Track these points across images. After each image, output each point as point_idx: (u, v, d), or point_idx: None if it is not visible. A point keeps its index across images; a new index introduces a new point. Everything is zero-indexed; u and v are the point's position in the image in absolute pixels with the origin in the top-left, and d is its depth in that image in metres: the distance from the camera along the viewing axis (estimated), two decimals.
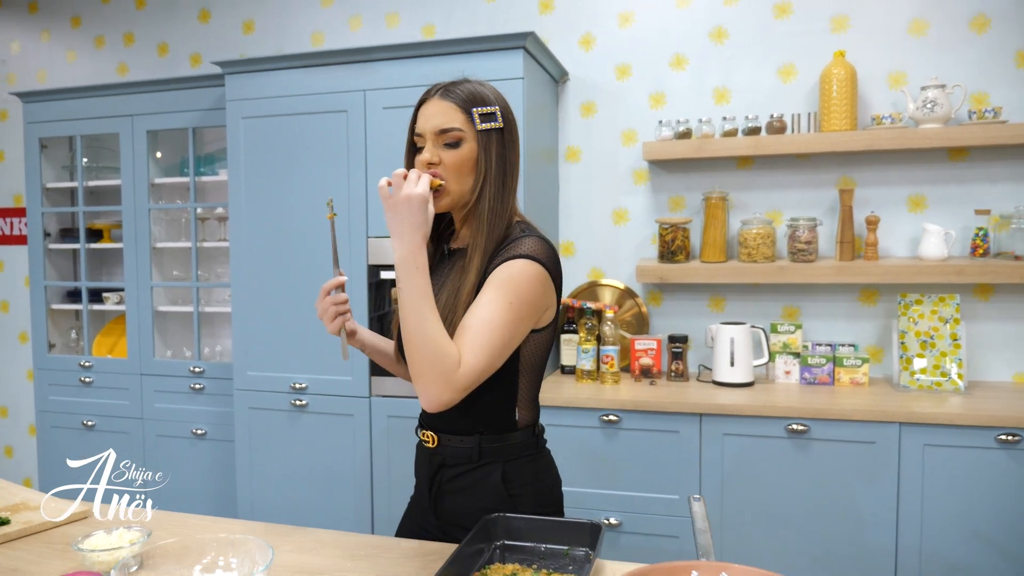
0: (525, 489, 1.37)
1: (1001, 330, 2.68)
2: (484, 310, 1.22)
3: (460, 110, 1.30)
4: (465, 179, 1.31)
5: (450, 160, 1.29)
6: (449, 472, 1.37)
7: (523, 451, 1.39)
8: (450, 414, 1.31)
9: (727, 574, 1.03)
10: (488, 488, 1.35)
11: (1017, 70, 2.63)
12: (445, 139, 1.29)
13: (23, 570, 1.18)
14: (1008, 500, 2.19)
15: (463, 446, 1.35)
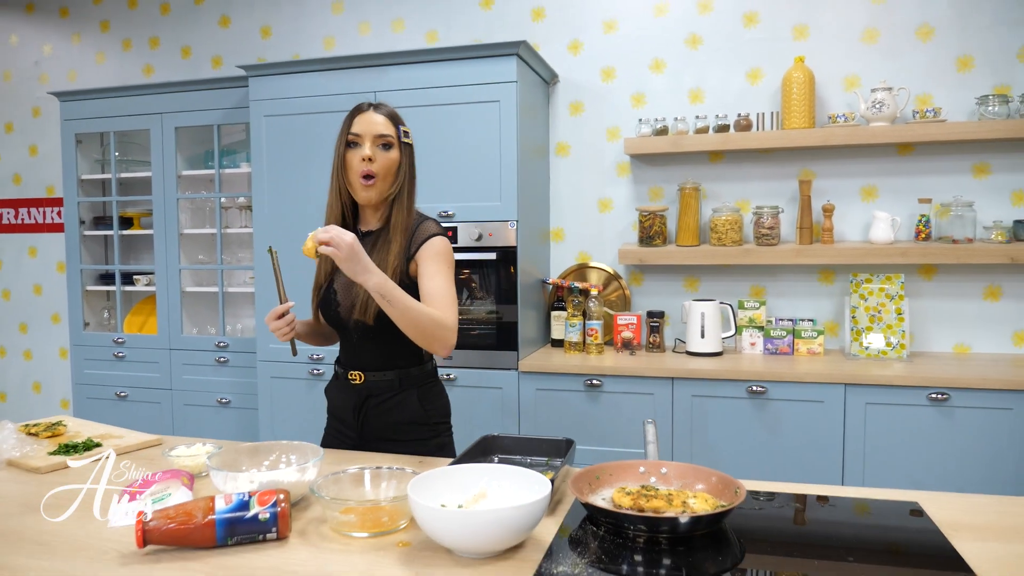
0: (433, 405, 1.79)
1: (943, 306, 3.02)
2: (438, 280, 1.64)
3: (392, 124, 1.71)
4: (390, 176, 1.71)
5: (383, 159, 1.69)
6: (375, 400, 1.74)
7: (428, 378, 1.80)
8: (373, 357, 1.73)
9: (666, 469, 1.36)
10: (409, 407, 1.74)
11: (957, 74, 2.96)
12: (381, 142, 1.69)
13: (123, 475, 1.50)
14: (937, 448, 2.53)
15: (386, 379, 1.73)
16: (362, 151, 1.68)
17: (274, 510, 1.13)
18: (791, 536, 1.27)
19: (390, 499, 1.19)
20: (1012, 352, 2.96)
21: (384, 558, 1.10)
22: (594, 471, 1.32)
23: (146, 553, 1.11)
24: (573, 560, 1.10)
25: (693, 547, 1.14)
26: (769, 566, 1.12)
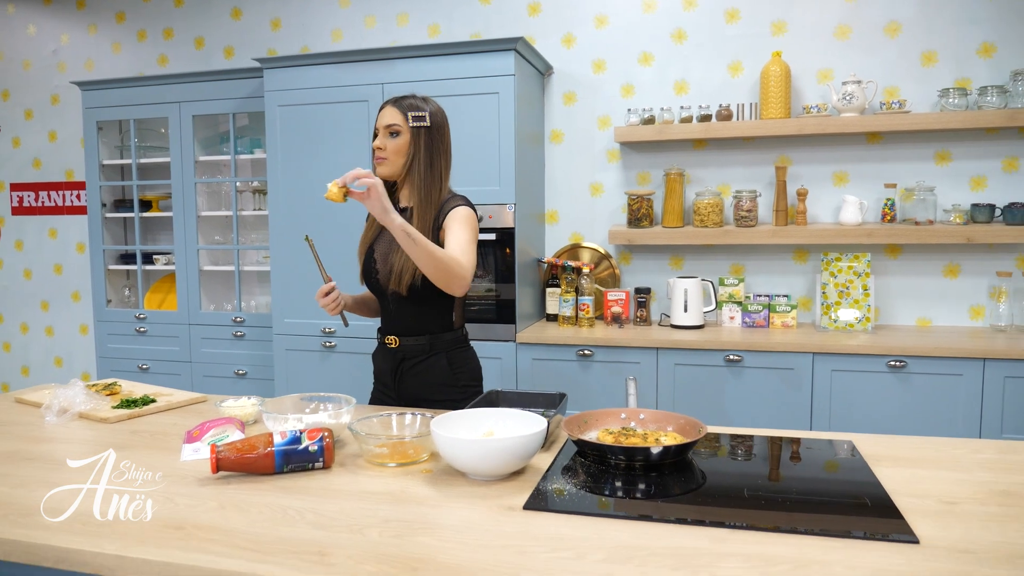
0: (462, 368, 1.99)
1: (906, 282, 3.28)
2: (458, 235, 1.82)
3: (400, 114, 1.91)
4: (399, 158, 1.91)
5: (391, 145, 1.91)
6: (408, 363, 1.95)
7: (458, 343, 2.00)
8: (407, 323, 1.93)
9: (644, 415, 1.62)
10: (439, 370, 1.94)
11: (922, 68, 3.20)
12: (389, 131, 1.91)
13: (181, 423, 1.75)
14: (894, 410, 2.80)
15: (418, 343, 1.94)
16: (376, 141, 1.93)
17: (320, 444, 1.38)
18: (745, 466, 1.53)
19: (415, 435, 1.45)
20: (969, 325, 3.23)
21: (412, 481, 1.35)
22: (583, 416, 1.58)
23: (218, 478, 1.36)
24: (565, 481, 1.35)
25: (663, 474, 1.40)
26: (724, 487, 1.38)
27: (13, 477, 1.40)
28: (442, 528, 1.14)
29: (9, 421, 1.79)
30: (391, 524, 1.15)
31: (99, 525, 1.17)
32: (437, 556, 1.04)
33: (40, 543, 1.11)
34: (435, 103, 1.99)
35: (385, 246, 1.87)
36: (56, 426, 1.74)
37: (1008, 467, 1.41)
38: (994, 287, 3.16)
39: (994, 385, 2.72)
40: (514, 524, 1.15)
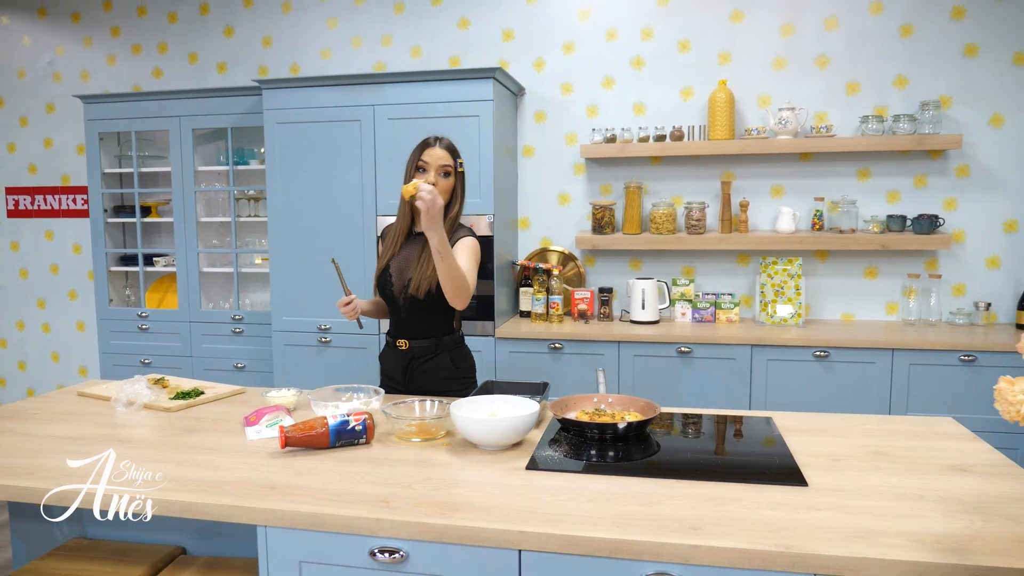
0: (462, 364, 2.38)
1: (832, 283, 3.78)
2: (465, 261, 2.17)
3: (451, 157, 2.27)
4: (446, 196, 2.25)
5: (442, 184, 2.24)
6: (418, 361, 2.32)
7: (458, 344, 2.40)
8: (415, 328, 2.29)
9: (612, 399, 2.04)
10: (443, 366, 2.32)
11: (846, 97, 3.68)
12: (442, 171, 2.25)
13: (232, 411, 2.12)
14: (818, 393, 3.28)
15: (425, 345, 2.31)
16: (428, 176, 2.23)
17: (364, 424, 1.78)
18: (689, 437, 1.96)
19: (435, 417, 1.85)
20: (885, 319, 3.74)
21: (436, 451, 1.76)
22: (564, 400, 2.00)
23: (286, 452, 1.74)
24: (553, 450, 1.77)
25: (628, 444, 1.83)
26: (672, 452, 1.81)
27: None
28: (468, 483, 1.55)
29: (85, 412, 2.13)
30: (430, 481, 1.56)
31: (211, 487, 1.54)
32: (468, 501, 1.45)
33: (190, 501, 1.49)
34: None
35: (401, 262, 2.26)
36: (128, 415, 2.09)
37: (885, 435, 1.87)
38: (906, 287, 3.67)
39: (901, 371, 3.23)
40: (520, 480, 1.57)
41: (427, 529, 1.36)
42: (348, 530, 1.39)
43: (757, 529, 1.31)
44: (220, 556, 1.80)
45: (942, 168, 3.63)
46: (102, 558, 1.76)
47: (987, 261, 3.63)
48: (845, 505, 1.41)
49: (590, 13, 3.89)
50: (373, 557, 1.39)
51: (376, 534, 1.38)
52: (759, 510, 1.40)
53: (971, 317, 3.55)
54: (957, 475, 1.57)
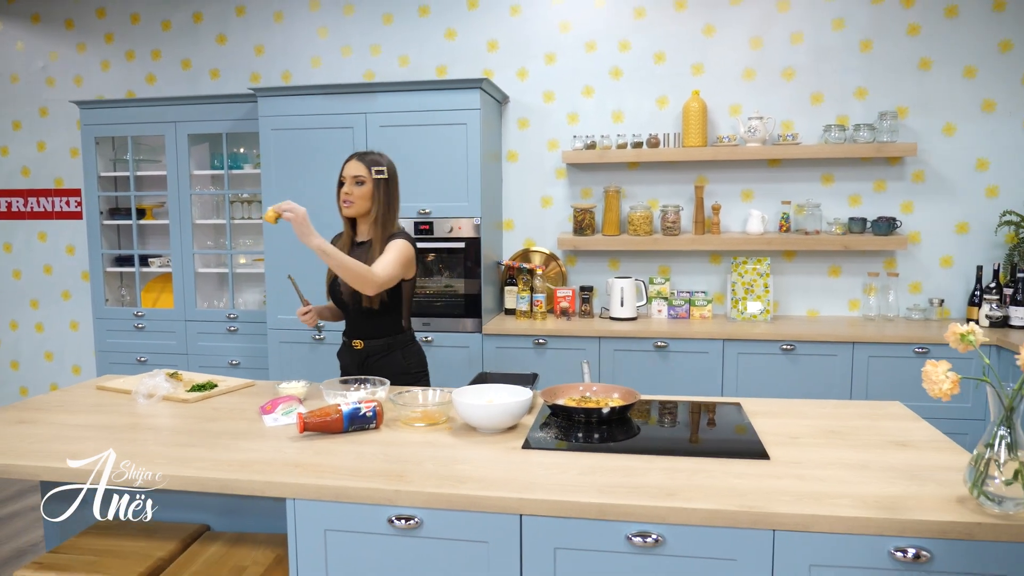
0: (412, 360, 2.58)
1: (798, 281, 4.03)
2: (385, 257, 2.36)
3: (365, 167, 2.47)
4: (364, 201, 2.46)
5: (357, 192, 2.46)
6: (372, 359, 2.53)
7: (408, 342, 2.60)
8: (368, 329, 2.50)
9: (596, 388, 2.25)
10: (395, 363, 2.52)
11: (811, 106, 3.93)
12: (356, 180, 2.47)
13: (247, 401, 2.29)
14: (785, 384, 3.52)
15: (378, 344, 2.53)
16: (345, 188, 2.49)
17: (374, 410, 1.96)
18: (665, 422, 2.18)
19: (437, 404, 2.04)
20: (847, 315, 4.00)
21: (440, 433, 1.95)
22: (553, 388, 2.20)
23: (304, 436, 1.92)
24: (545, 432, 1.97)
25: (611, 427, 2.03)
26: (651, 433, 2.02)
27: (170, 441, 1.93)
28: (471, 460, 1.75)
29: (109, 403, 2.29)
30: (438, 459, 1.75)
31: (242, 467, 1.72)
32: (473, 475, 1.65)
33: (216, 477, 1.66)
34: (388, 158, 2.57)
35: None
36: (149, 406, 2.25)
37: (839, 417, 2.10)
38: (866, 284, 3.93)
39: (861, 363, 3.48)
40: (518, 457, 1.77)
41: (439, 498, 1.55)
42: (369, 500, 1.58)
43: (725, 494, 1.52)
44: (243, 532, 1.97)
45: (899, 174, 3.89)
46: (133, 535, 1.92)
47: (941, 260, 3.90)
48: (802, 474, 1.63)
49: (571, 25, 4.10)
50: (391, 524, 1.58)
51: (394, 503, 1.57)
52: (726, 479, 1.61)
53: (926, 312, 3.82)
54: (899, 449, 1.80)
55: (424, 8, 4.21)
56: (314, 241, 2.20)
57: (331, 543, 1.62)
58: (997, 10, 3.71)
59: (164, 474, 1.66)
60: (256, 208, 4.29)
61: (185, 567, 1.77)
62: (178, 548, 1.88)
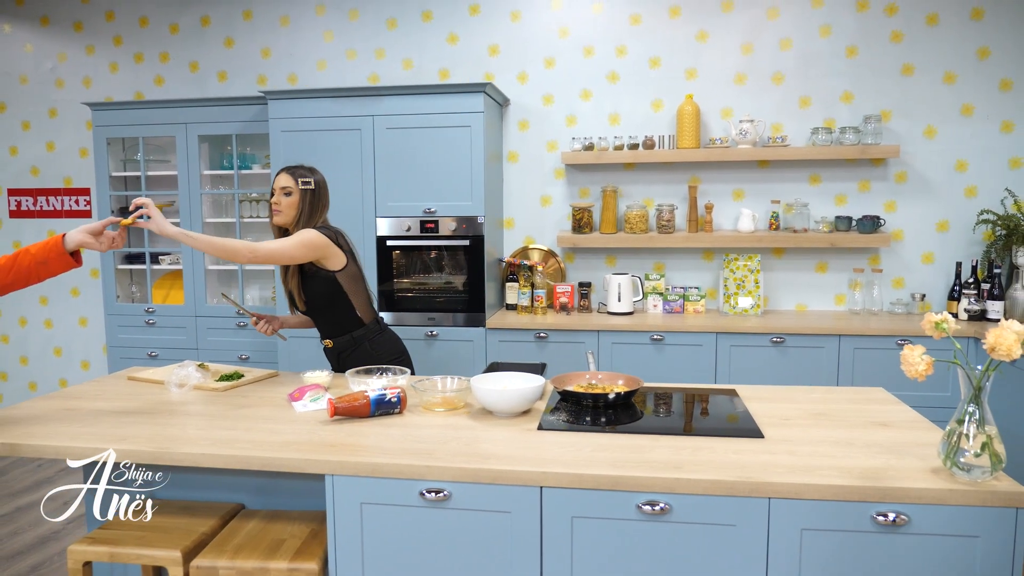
0: (383, 350, 2.71)
1: (788, 277, 4.21)
2: (284, 239, 2.49)
3: (292, 179, 2.63)
4: (291, 211, 2.61)
5: (284, 201, 2.63)
6: (345, 354, 2.70)
7: (374, 333, 2.73)
8: (332, 329, 2.68)
9: (601, 376, 2.41)
10: (366, 355, 2.66)
11: (800, 110, 4.11)
12: (284, 191, 2.63)
13: (274, 390, 2.44)
14: (775, 374, 3.70)
15: (344, 341, 2.69)
16: (274, 198, 2.65)
17: (399, 396, 2.12)
18: (666, 405, 2.34)
19: (456, 390, 2.20)
20: (834, 309, 4.18)
21: (460, 419, 2.10)
22: (561, 376, 2.36)
23: (334, 420, 2.07)
24: (557, 416, 2.13)
25: (616, 410, 2.19)
26: (653, 417, 2.19)
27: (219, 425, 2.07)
28: (492, 440, 1.90)
29: (143, 393, 2.43)
30: (461, 439, 1.91)
31: (282, 447, 1.87)
32: (495, 452, 1.81)
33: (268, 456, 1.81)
34: (320, 174, 2.74)
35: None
36: (182, 394, 2.39)
37: (827, 401, 2.27)
38: (852, 280, 4.11)
39: (847, 355, 3.66)
40: (534, 437, 1.93)
41: (466, 472, 1.71)
42: (401, 475, 1.73)
43: (725, 467, 1.69)
44: (277, 510, 2.12)
45: (883, 174, 4.07)
46: (174, 514, 2.06)
47: (922, 257, 4.09)
48: (794, 451, 1.80)
49: (569, 31, 4.26)
50: (422, 496, 1.73)
51: (425, 478, 1.72)
52: (726, 455, 1.77)
53: (908, 307, 4.01)
54: (881, 429, 1.98)
55: (427, 13, 4.36)
56: (170, 230, 2.25)
57: (367, 515, 1.77)
58: (975, 19, 3.90)
59: (209, 454, 1.81)
60: (264, 207, 4.42)
61: (228, 540, 1.91)
62: (218, 524, 2.03)
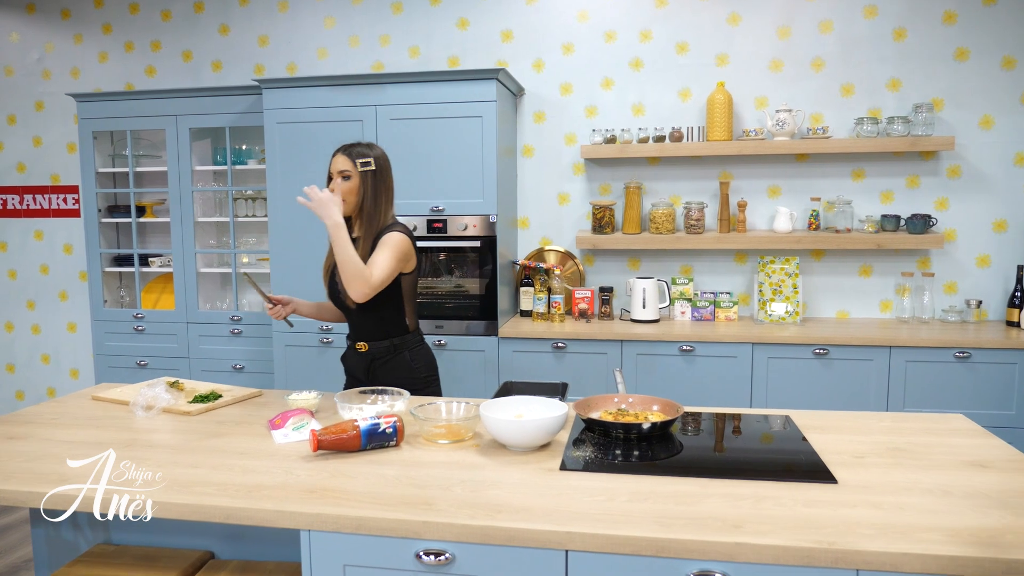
0: (420, 363, 2.43)
1: (828, 281, 3.85)
2: (379, 255, 2.22)
3: (350, 161, 2.32)
4: (352, 197, 2.32)
5: (344, 187, 2.32)
6: (379, 362, 2.39)
7: (415, 343, 2.44)
8: (371, 330, 2.37)
9: (632, 399, 2.07)
10: (402, 365, 2.38)
11: (841, 99, 3.75)
12: (342, 175, 2.32)
13: (254, 414, 2.12)
14: (818, 390, 3.35)
15: (383, 346, 2.38)
16: (332, 183, 2.35)
17: (394, 426, 1.79)
18: (709, 435, 2.00)
19: (462, 418, 1.87)
20: (879, 317, 3.82)
21: (467, 453, 1.77)
22: (586, 400, 2.02)
23: (318, 455, 1.75)
24: (582, 450, 1.80)
25: (651, 443, 1.86)
26: (696, 451, 1.85)
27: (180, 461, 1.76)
28: (505, 484, 1.57)
29: (105, 416, 2.12)
30: (467, 483, 1.58)
31: (250, 492, 1.55)
32: (509, 502, 1.47)
33: (220, 505, 1.49)
34: (379, 148, 2.41)
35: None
36: (148, 419, 2.08)
37: (901, 432, 1.92)
38: (899, 285, 3.75)
39: (898, 368, 3.30)
40: (556, 480, 1.59)
41: (472, 531, 1.38)
42: (393, 533, 1.40)
43: (797, 526, 1.35)
44: (250, 560, 1.80)
45: (934, 169, 3.71)
46: (131, 564, 1.75)
47: (978, 260, 3.72)
48: (878, 502, 1.45)
49: (589, 15, 3.92)
50: (419, 559, 1.41)
51: (422, 536, 1.39)
52: (795, 507, 1.43)
53: (963, 314, 3.64)
54: (978, 471, 1.63)
55: None
56: (330, 220, 2.16)
57: None
58: None
59: (162, 502, 1.49)
60: (260, 205, 4.11)
61: None
62: None
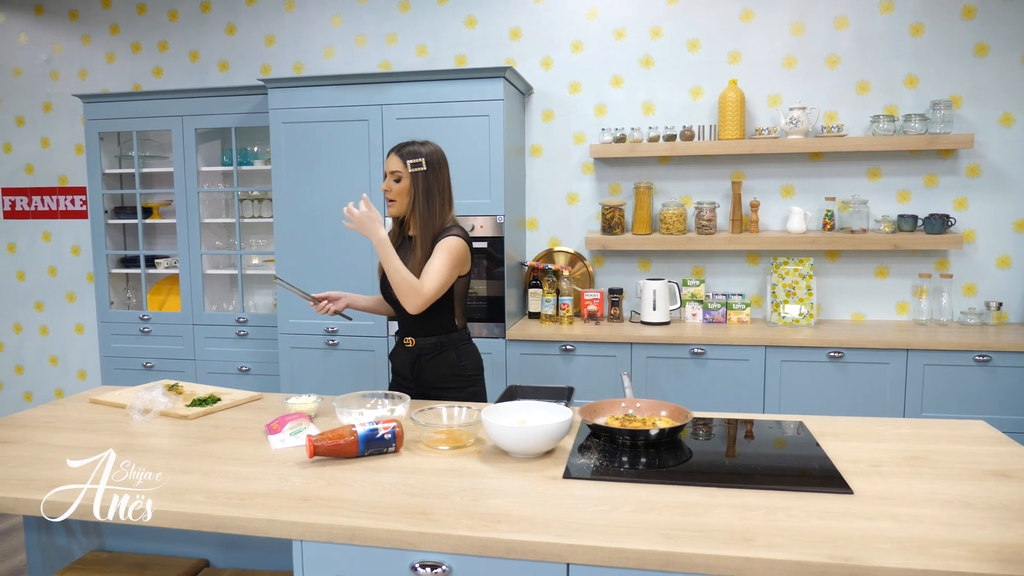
0: (467, 360, 2.41)
1: (843, 283, 3.76)
2: (434, 262, 2.21)
3: (401, 161, 2.30)
4: (404, 198, 2.31)
5: (396, 188, 2.31)
6: (425, 358, 2.35)
7: (462, 341, 2.42)
8: (420, 327, 2.34)
9: (640, 404, 2.01)
10: (449, 363, 2.36)
11: (857, 96, 3.66)
12: (393, 177, 2.31)
13: (252, 418, 2.07)
14: (834, 394, 3.26)
15: (430, 342, 2.35)
16: (384, 185, 2.34)
17: (393, 432, 1.73)
18: (719, 441, 1.93)
19: (464, 424, 1.81)
20: (895, 319, 3.73)
21: (468, 460, 1.72)
22: (592, 405, 1.96)
23: (314, 462, 1.70)
24: (587, 457, 1.74)
25: (659, 450, 1.79)
26: (705, 458, 1.78)
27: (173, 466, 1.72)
28: (505, 493, 1.51)
29: (101, 420, 2.08)
30: (467, 491, 1.52)
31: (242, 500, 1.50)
32: (509, 512, 1.42)
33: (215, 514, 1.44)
34: (433, 145, 2.38)
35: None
36: (145, 423, 2.04)
37: (919, 439, 1.85)
38: (916, 287, 3.66)
39: (916, 372, 3.21)
40: (559, 489, 1.53)
41: (471, 543, 1.32)
42: (388, 544, 1.35)
43: (810, 540, 1.28)
44: (246, 568, 1.75)
45: (952, 168, 3.62)
46: (124, 571, 1.71)
47: (998, 261, 3.62)
48: (896, 514, 1.39)
49: (598, 12, 3.86)
50: (414, 572, 1.35)
51: (418, 548, 1.34)
52: (808, 519, 1.37)
53: (982, 317, 3.55)
54: (1001, 481, 1.55)
55: None
56: (375, 237, 2.16)
57: None
58: None
59: (153, 509, 1.44)
60: (267, 206, 4.08)
61: None
62: None
